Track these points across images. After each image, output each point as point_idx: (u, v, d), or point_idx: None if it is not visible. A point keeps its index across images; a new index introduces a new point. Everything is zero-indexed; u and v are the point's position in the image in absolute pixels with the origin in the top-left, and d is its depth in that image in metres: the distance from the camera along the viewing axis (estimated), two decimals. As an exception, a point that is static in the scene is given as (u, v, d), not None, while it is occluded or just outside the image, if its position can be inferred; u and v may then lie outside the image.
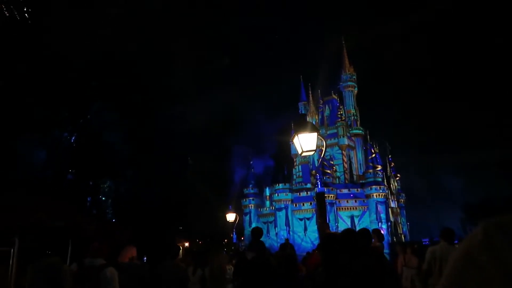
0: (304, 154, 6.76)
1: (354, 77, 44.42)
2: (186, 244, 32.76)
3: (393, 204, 39.30)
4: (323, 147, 7.59)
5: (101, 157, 19.21)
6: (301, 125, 6.89)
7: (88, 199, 19.32)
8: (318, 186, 6.79)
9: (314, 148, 6.62)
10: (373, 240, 6.63)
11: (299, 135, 6.63)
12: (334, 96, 44.56)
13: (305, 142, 6.61)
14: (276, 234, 37.61)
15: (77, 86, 19.54)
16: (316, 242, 18.96)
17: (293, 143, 7.20)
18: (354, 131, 42.72)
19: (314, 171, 36.50)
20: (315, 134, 6.64)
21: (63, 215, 9.11)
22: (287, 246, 8.73)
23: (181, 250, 28.50)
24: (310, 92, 45.52)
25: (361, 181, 38.98)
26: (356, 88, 44.56)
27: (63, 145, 19.15)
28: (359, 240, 5.05)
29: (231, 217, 24.45)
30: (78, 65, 19.38)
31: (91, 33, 21.35)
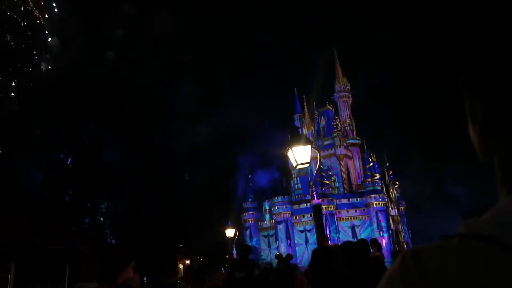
0: (299, 166, 6.76)
1: (348, 87, 44.73)
2: (187, 262, 32.45)
3: (393, 212, 39.16)
4: (318, 157, 7.60)
5: (99, 177, 19.15)
6: (295, 138, 6.91)
7: (86, 220, 19.16)
8: (314, 199, 6.78)
9: (308, 160, 6.63)
10: (372, 250, 6.60)
11: (292, 148, 6.64)
12: (329, 107, 44.79)
13: (299, 155, 6.62)
14: (277, 247, 37.31)
15: (73, 106, 19.61)
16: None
17: (287, 156, 7.22)
18: (351, 141, 42.80)
19: (311, 182, 36.42)
20: (308, 147, 6.66)
21: (60, 237, 9.03)
22: (282, 261, 8.65)
23: (182, 267, 28.20)
24: (305, 104, 45.75)
25: (360, 191, 38.91)
26: (350, 98, 44.82)
27: (60, 166, 19.10)
28: (360, 250, 5.04)
29: (230, 232, 24.27)
30: (75, 84, 19.50)
31: (90, 54, 21.59)
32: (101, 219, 20.12)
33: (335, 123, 41.55)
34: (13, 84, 17.67)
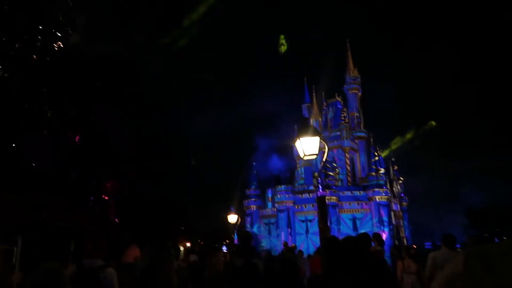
0: (306, 158, 6.78)
1: (358, 79, 44.34)
2: (188, 244, 32.84)
3: (395, 207, 39.19)
4: (326, 149, 7.61)
5: (105, 157, 19.31)
6: (304, 128, 6.91)
7: (91, 198, 19.40)
8: (319, 190, 6.81)
9: (316, 152, 6.64)
10: (373, 244, 6.66)
11: (301, 138, 6.65)
12: (338, 98, 44.51)
13: (307, 146, 6.63)
14: (278, 235, 37.60)
15: (83, 85, 19.66)
16: (317, 245, 19.02)
17: (295, 146, 7.22)
18: (358, 134, 42.62)
19: (316, 173, 36.44)
20: (317, 138, 6.66)
21: (65, 214, 9.18)
22: (290, 249, 8.73)
23: (183, 250, 28.57)
24: (314, 94, 45.51)
25: (363, 184, 38.89)
26: (360, 91, 44.47)
27: (68, 144, 19.26)
28: (361, 245, 5.09)
29: (232, 218, 24.48)
30: (85, 64, 19.53)
31: (100, 32, 21.54)
32: (106, 198, 20.34)
33: (343, 115, 41.33)
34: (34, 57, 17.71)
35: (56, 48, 19.04)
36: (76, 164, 18.87)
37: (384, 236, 32.03)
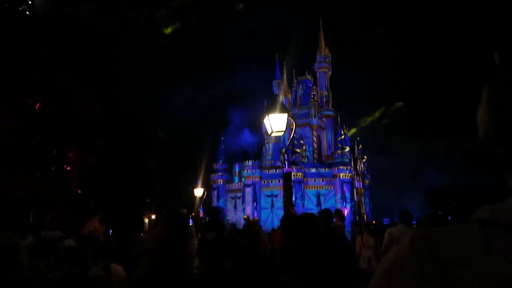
0: (273, 134, 6.84)
1: (329, 58, 44.65)
2: (153, 217, 32.74)
3: (358, 185, 40.54)
4: (293, 126, 7.70)
5: (68, 126, 18.61)
6: (273, 105, 6.94)
7: (52, 168, 18.75)
8: (285, 166, 6.92)
9: (284, 129, 6.70)
10: (334, 220, 6.89)
11: (269, 115, 6.68)
12: (308, 76, 44.76)
13: (276, 123, 6.68)
14: (243, 209, 38.16)
15: (47, 50, 18.64)
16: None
17: (263, 122, 7.26)
18: (326, 112, 43.29)
19: (284, 149, 36.87)
20: (285, 115, 6.72)
21: (25, 184, 8.87)
22: (253, 223, 8.91)
23: (147, 222, 28.47)
24: (284, 70, 45.47)
25: (329, 161, 39.86)
26: (330, 70, 44.86)
27: (28, 111, 18.38)
28: (319, 222, 5.29)
29: (199, 191, 24.54)
30: (52, 28, 18.48)
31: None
32: (68, 168, 19.74)
33: (312, 93, 41.73)
34: None
35: (20, 9, 17.85)
36: (37, 132, 18.08)
37: (345, 212, 33.22)
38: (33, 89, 17.94)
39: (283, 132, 6.90)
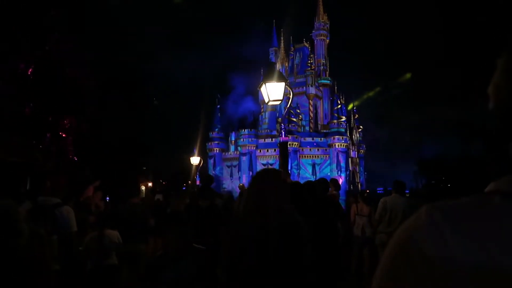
0: (270, 103, 6.78)
1: (327, 26, 43.76)
2: (150, 184, 33.01)
3: (353, 154, 40.82)
4: (291, 95, 7.63)
5: (61, 91, 18.31)
6: (270, 73, 6.84)
7: (47, 135, 18.62)
8: (282, 136, 6.91)
9: (281, 98, 6.65)
10: (330, 189, 6.97)
11: (266, 83, 6.60)
12: (305, 44, 44.00)
13: (273, 91, 6.60)
14: (239, 178, 38.49)
15: (37, 14, 18.05)
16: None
17: (260, 91, 7.17)
18: (323, 81, 42.92)
19: (280, 118, 36.83)
20: (282, 84, 6.64)
21: (21, 151, 8.83)
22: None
23: (144, 189, 28.74)
24: (282, 38, 44.63)
25: (325, 131, 39.93)
26: (328, 38, 44.08)
27: (20, 76, 18.02)
28: (320, 189, 5.39)
29: (195, 160, 24.64)
30: None
31: None
32: (63, 135, 19.63)
33: (309, 61, 41.18)
34: None
35: None
36: (30, 98, 17.82)
37: (340, 181, 33.60)
38: (24, 53, 17.51)
39: (280, 101, 6.85)
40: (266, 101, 6.75)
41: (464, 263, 0.46)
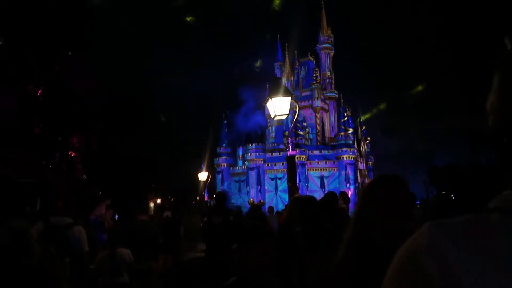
0: (277, 118, 6.82)
1: (331, 39, 44.07)
2: (158, 201, 33.01)
3: (361, 166, 40.58)
4: (297, 109, 7.66)
5: (70, 111, 18.59)
6: (275, 88, 6.89)
7: (57, 154, 18.82)
8: (289, 150, 6.92)
9: (287, 112, 6.68)
10: (339, 202, 6.92)
11: (273, 98, 6.65)
12: (310, 57, 44.28)
13: (279, 106, 6.65)
14: (248, 192, 38.38)
15: (45, 36, 18.46)
16: (286, 202, 19.53)
17: (266, 106, 7.22)
18: (328, 94, 43.01)
19: (287, 132, 36.85)
20: (288, 98, 6.68)
21: (31, 170, 8.92)
22: (257, 206, 8.95)
23: (152, 206, 28.74)
24: (286, 52, 44.99)
25: (332, 143, 39.83)
26: (332, 51, 44.34)
27: (30, 98, 18.34)
28: (335, 204, 5.34)
29: (203, 176, 24.66)
30: (46, 9, 18.22)
31: None
32: (72, 154, 19.83)
33: (314, 75, 41.36)
34: None
35: None
36: (40, 118, 18.09)
37: (349, 194, 33.27)
38: (33, 74, 17.85)
39: (286, 116, 6.88)
40: (273, 116, 6.79)
41: (462, 280, 0.46)
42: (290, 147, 6.85)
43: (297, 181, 31.70)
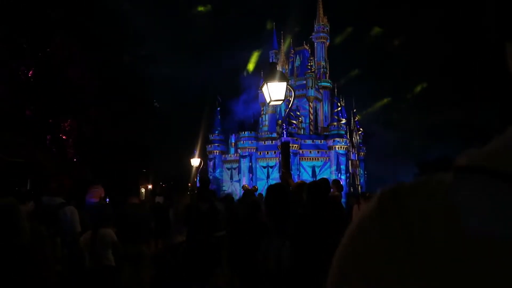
0: (272, 103, 6.78)
1: (327, 28, 43.84)
2: (149, 187, 32.96)
3: (353, 157, 40.80)
4: (291, 97, 7.63)
5: (62, 94, 18.33)
6: (271, 73, 6.84)
7: (48, 137, 18.61)
8: (283, 136, 6.90)
9: (283, 97, 6.64)
10: (332, 190, 6.95)
11: (268, 83, 6.59)
12: (305, 46, 44.08)
13: (274, 91, 6.60)
14: (239, 180, 38.48)
15: (37, 16, 18.07)
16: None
17: (262, 91, 7.18)
18: (323, 84, 42.96)
19: (280, 120, 36.85)
20: (284, 84, 6.63)
21: (21, 151, 8.81)
22: (251, 191, 8.97)
23: (144, 191, 28.71)
24: (282, 40, 44.71)
25: (325, 133, 39.93)
26: (328, 40, 44.16)
27: (21, 79, 18.04)
28: (327, 190, 5.39)
29: (195, 162, 24.64)
30: None
31: None
32: (64, 137, 19.62)
33: (309, 64, 41.23)
34: None
35: None
36: (31, 100, 17.82)
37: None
38: (25, 56, 17.52)
39: (281, 101, 6.84)
40: (268, 101, 6.74)
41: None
42: (285, 133, 6.83)
43: (290, 171, 31.74)
